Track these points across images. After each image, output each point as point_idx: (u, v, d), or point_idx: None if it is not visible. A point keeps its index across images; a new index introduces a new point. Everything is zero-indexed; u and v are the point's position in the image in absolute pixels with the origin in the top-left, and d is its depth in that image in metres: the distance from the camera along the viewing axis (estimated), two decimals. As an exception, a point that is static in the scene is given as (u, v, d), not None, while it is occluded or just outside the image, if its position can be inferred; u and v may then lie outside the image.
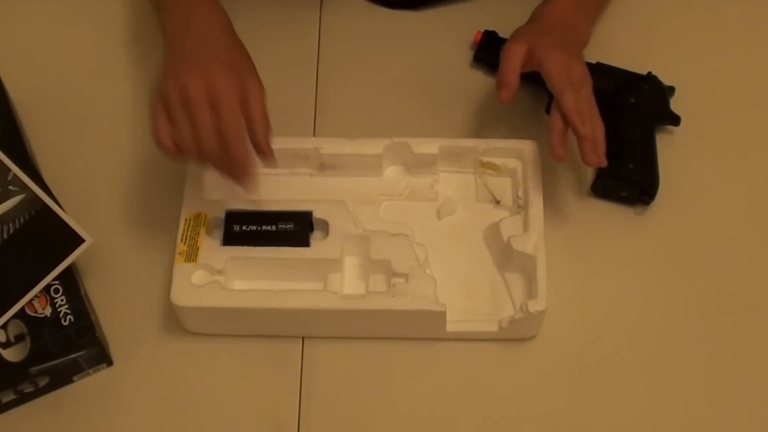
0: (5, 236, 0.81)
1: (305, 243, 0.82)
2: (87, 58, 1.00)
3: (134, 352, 0.83)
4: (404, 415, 0.80)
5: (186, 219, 0.84)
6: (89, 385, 0.82)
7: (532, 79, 0.96)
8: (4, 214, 0.81)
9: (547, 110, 0.93)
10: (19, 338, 0.79)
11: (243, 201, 0.83)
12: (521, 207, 0.86)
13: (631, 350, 0.83)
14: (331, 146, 0.88)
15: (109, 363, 0.82)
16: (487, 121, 0.94)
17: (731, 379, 0.82)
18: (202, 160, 0.76)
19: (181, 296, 0.80)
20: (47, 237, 0.81)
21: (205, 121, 0.74)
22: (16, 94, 0.94)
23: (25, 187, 0.82)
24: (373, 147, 0.88)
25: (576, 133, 0.82)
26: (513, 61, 0.84)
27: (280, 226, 0.82)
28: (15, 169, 0.82)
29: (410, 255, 0.82)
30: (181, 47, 0.79)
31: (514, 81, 0.83)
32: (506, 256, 0.84)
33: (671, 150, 0.92)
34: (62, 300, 0.81)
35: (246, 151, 0.75)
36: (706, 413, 0.80)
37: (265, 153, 0.76)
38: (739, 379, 0.82)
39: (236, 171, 0.76)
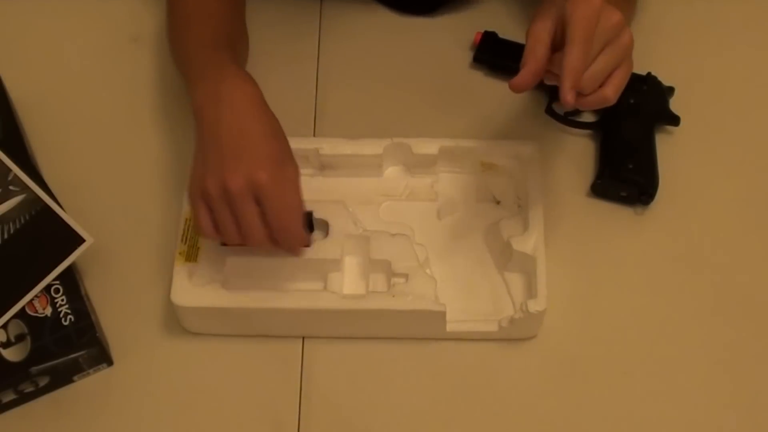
0: (6, 236, 0.81)
1: (306, 243, 0.82)
2: (87, 58, 1.00)
3: (134, 352, 0.83)
4: (404, 415, 0.80)
5: (186, 219, 0.84)
6: (89, 385, 0.82)
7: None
8: (4, 214, 0.81)
9: (547, 111, 0.93)
10: (20, 338, 0.79)
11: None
12: (521, 207, 0.86)
13: (630, 350, 0.83)
14: (331, 146, 0.88)
15: (110, 363, 0.82)
16: (487, 122, 0.94)
17: (731, 378, 0.82)
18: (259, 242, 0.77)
19: (181, 296, 0.80)
20: (47, 237, 0.81)
21: (252, 216, 0.74)
22: (16, 94, 0.94)
23: (25, 187, 0.82)
24: (373, 147, 0.88)
25: (562, 97, 0.69)
26: (536, 38, 0.72)
27: (280, 226, 0.82)
28: (15, 169, 0.82)
29: (410, 255, 0.82)
30: (215, 136, 0.76)
31: (535, 63, 0.71)
32: (506, 256, 0.84)
33: (671, 150, 0.92)
34: (62, 300, 0.81)
35: (301, 233, 0.77)
36: (706, 413, 0.80)
37: (291, 246, 0.79)
38: (739, 378, 0.82)
39: (290, 251, 0.79)
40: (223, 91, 0.78)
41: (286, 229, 0.75)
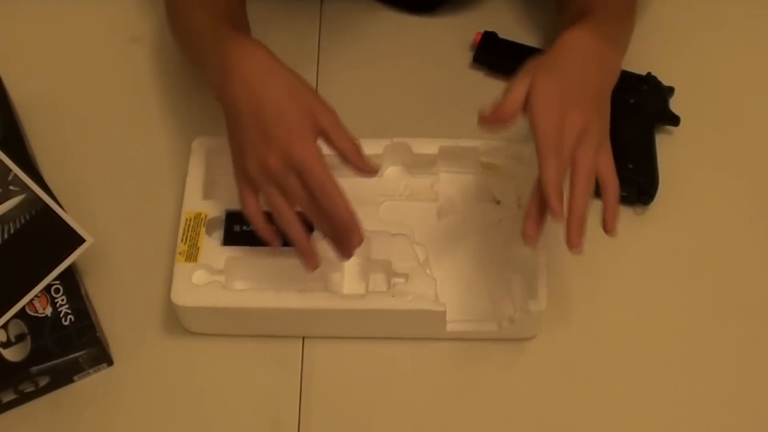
0: (6, 236, 0.81)
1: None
2: (87, 58, 1.00)
3: (134, 352, 0.83)
4: (404, 415, 0.80)
5: (186, 219, 0.84)
6: (89, 385, 0.82)
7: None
8: (4, 214, 0.81)
9: (547, 110, 0.93)
10: (20, 338, 0.79)
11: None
12: (521, 207, 0.86)
13: (631, 350, 0.83)
14: (331, 146, 0.88)
15: (110, 363, 0.83)
16: (487, 122, 0.94)
17: (732, 378, 0.82)
18: (299, 233, 0.75)
19: (181, 296, 0.80)
20: (48, 237, 0.81)
21: (297, 188, 0.73)
22: (16, 94, 0.94)
23: (25, 187, 0.82)
24: (373, 147, 0.88)
25: (550, 210, 0.71)
26: (513, 96, 0.74)
27: (280, 226, 0.82)
28: (15, 169, 0.82)
29: (410, 255, 0.82)
30: (237, 116, 0.75)
31: (504, 115, 0.73)
32: (506, 256, 0.84)
33: (671, 150, 0.92)
34: (63, 300, 0.81)
35: (345, 202, 0.73)
36: (706, 413, 0.80)
37: (364, 170, 0.75)
38: (739, 378, 0.82)
39: (341, 229, 0.74)
40: (230, 65, 0.76)
41: (326, 195, 0.73)
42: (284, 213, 0.75)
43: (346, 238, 0.75)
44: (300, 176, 0.73)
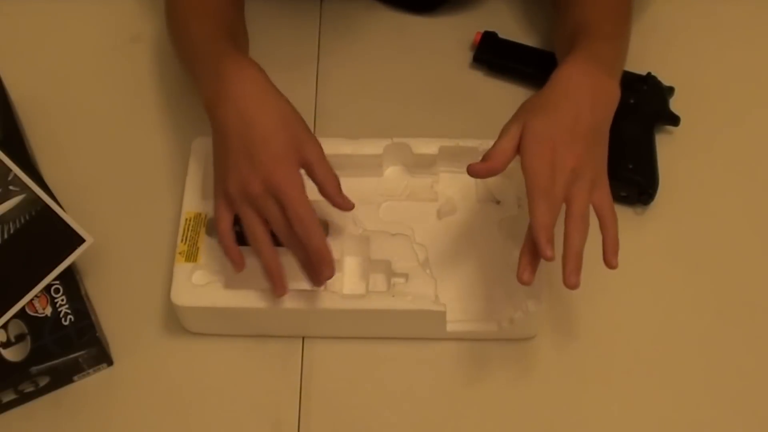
0: (6, 236, 0.81)
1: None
2: (87, 58, 1.00)
3: (134, 352, 0.83)
4: (404, 415, 0.80)
5: (186, 219, 0.84)
6: (89, 385, 0.82)
7: (534, 78, 0.96)
8: (4, 214, 0.81)
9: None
10: (20, 338, 0.79)
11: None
12: (521, 207, 0.86)
13: (630, 350, 0.83)
14: (331, 146, 0.87)
15: (110, 363, 0.83)
16: (487, 121, 0.94)
17: (732, 378, 0.82)
18: (270, 257, 0.77)
19: (181, 296, 0.80)
20: (47, 237, 0.81)
21: (275, 214, 0.75)
22: (16, 94, 0.94)
23: (25, 187, 0.82)
24: (373, 147, 0.88)
25: (540, 254, 0.71)
26: (503, 144, 0.74)
27: (280, 225, 0.82)
28: (15, 169, 0.82)
29: (410, 255, 0.82)
30: (225, 136, 0.76)
31: (497, 163, 0.74)
32: (506, 256, 0.84)
33: (671, 150, 0.92)
34: (63, 300, 0.81)
35: (321, 234, 0.75)
36: (707, 413, 0.80)
37: (342, 206, 0.77)
38: (740, 378, 0.82)
39: (314, 260, 0.75)
40: (225, 84, 0.77)
41: (303, 225, 0.74)
42: (258, 235, 0.76)
43: (318, 269, 0.76)
44: (279, 203, 0.74)
